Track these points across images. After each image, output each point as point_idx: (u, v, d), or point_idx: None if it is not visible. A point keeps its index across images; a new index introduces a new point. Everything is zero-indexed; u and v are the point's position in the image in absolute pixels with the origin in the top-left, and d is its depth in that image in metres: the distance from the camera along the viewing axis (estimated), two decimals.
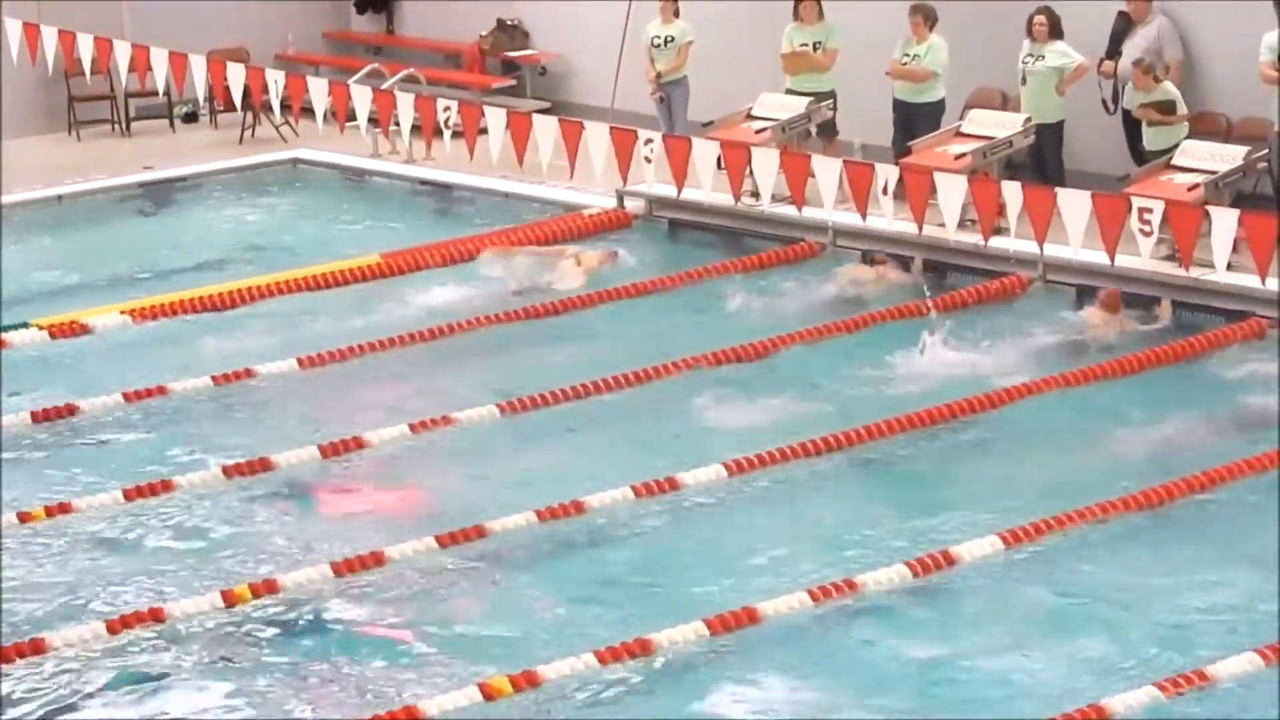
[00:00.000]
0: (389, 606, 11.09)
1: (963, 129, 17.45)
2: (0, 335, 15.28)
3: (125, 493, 12.43)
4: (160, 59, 19.55)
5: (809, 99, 18.31)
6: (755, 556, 11.57)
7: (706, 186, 17.50)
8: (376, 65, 21.98)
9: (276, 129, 21.86)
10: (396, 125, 19.38)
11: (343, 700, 10.16)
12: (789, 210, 17.18)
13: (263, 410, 14.08)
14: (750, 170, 17.26)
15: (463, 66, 23.48)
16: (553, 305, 15.86)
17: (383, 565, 11.39)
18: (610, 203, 18.43)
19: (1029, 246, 15.80)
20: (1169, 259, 15.45)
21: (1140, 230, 15.02)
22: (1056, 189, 15.73)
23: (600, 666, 10.18)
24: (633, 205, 18.34)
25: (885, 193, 16.32)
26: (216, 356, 14.89)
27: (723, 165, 17.26)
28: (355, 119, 19.61)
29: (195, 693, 10.27)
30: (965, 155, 16.88)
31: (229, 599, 11.02)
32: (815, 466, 12.76)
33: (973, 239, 16.27)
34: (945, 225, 16.28)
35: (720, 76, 19.67)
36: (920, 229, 16.29)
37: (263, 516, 12.33)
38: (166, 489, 12.51)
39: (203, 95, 20.19)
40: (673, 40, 19.49)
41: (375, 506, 12.54)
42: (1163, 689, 9.83)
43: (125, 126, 22.68)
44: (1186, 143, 16.26)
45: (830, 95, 18.46)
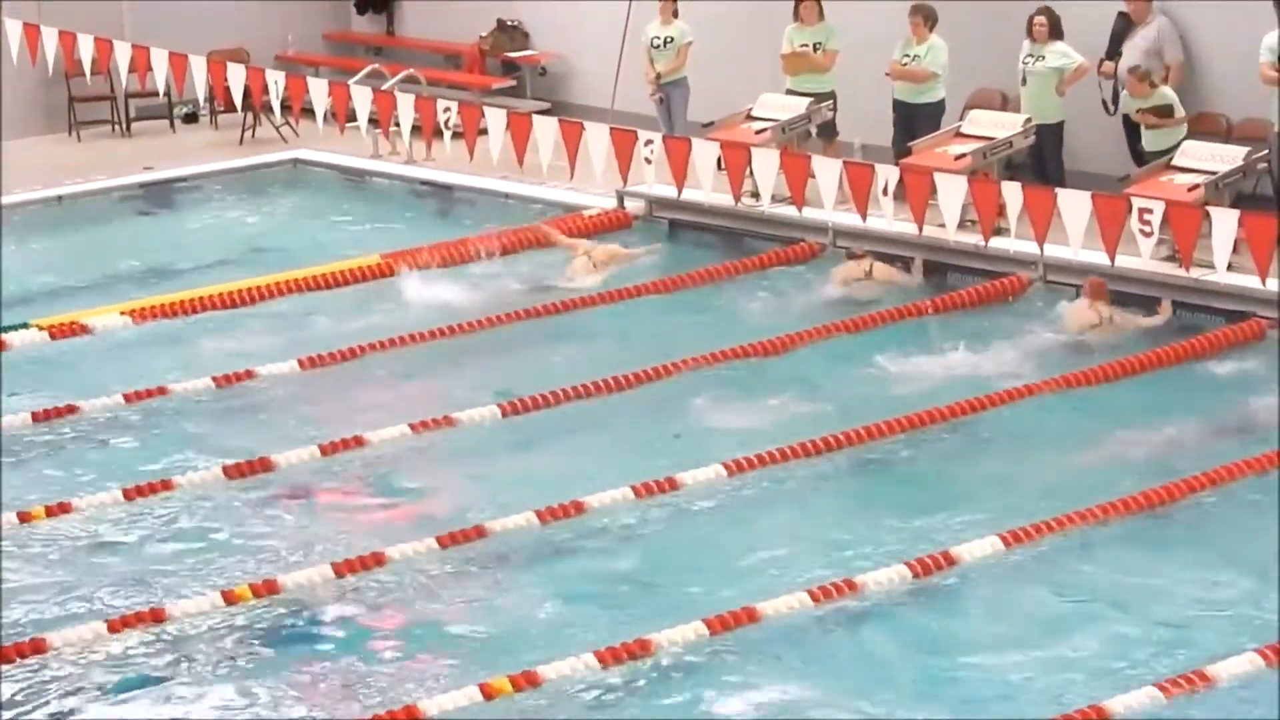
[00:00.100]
0: (389, 606, 11.09)
1: (963, 129, 17.44)
2: (0, 335, 15.28)
3: (125, 493, 12.42)
4: (160, 59, 19.54)
5: (809, 99, 18.30)
6: (755, 556, 11.57)
7: (707, 187, 17.48)
8: (377, 66, 21.95)
9: (277, 129, 21.85)
10: (397, 126, 19.37)
11: (343, 700, 10.16)
12: (789, 211, 17.17)
13: (263, 411, 14.06)
14: (750, 171, 17.25)
15: (463, 67, 23.47)
16: (553, 305, 15.85)
17: (383, 565, 11.39)
18: (610, 203, 18.42)
19: (1029, 247, 15.80)
20: (1169, 259, 15.44)
21: (1140, 231, 15.01)
22: (1057, 189, 15.72)
23: (600, 666, 10.18)
24: (633, 206, 18.32)
25: (885, 193, 16.31)
26: (217, 357, 14.88)
27: (723, 166, 17.26)
28: (355, 120, 19.60)
29: (195, 693, 10.27)
30: (965, 156, 16.87)
31: (229, 599, 11.02)
32: (815, 466, 12.75)
33: (973, 239, 16.26)
34: (945, 226, 16.28)
35: (720, 77, 19.66)
36: (920, 229, 16.29)
37: (263, 517, 12.32)
38: (166, 489, 12.51)
39: (203, 96, 20.18)
40: (672, 41, 19.47)
41: (375, 507, 12.54)
42: (1163, 689, 9.84)
43: (125, 127, 22.66)
44: (1186, 143, 16.26)
45: (830, 96, 18.45)
